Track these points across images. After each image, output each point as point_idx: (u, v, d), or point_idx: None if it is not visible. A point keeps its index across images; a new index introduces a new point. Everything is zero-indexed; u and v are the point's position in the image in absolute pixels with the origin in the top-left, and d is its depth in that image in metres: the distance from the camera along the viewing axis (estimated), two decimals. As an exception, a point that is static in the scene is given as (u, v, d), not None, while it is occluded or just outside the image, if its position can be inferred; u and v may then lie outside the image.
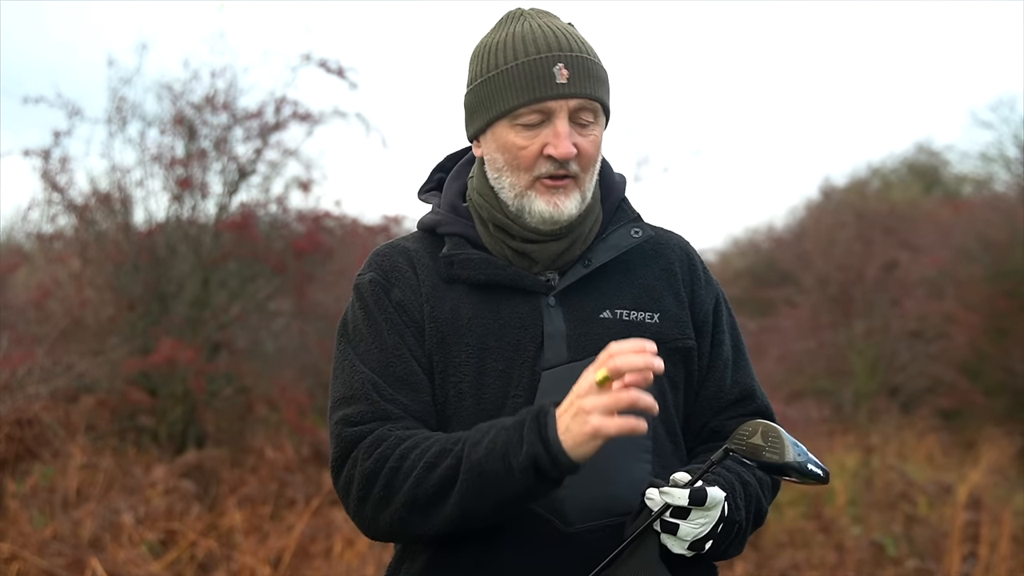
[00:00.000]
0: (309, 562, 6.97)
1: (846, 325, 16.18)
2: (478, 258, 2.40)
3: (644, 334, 2.34)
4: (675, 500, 2.11)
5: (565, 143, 2.31)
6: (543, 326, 2.37)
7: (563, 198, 2.35)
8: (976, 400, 14.32)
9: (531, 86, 2.32)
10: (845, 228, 17.38)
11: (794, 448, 2.07)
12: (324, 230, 10.80)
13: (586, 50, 2.37)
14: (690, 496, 2.11)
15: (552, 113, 2.32)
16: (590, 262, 2.41)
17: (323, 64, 10.49)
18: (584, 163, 2.35)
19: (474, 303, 2.39)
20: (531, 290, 2.39)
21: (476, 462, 2.14)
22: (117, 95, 10.45)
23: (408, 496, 2.21)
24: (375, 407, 2.32)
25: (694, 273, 2.54)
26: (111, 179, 10.41)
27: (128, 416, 9.67)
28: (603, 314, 2.40)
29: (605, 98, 2.39)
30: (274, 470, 8.77)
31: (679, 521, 2.14)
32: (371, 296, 2.43)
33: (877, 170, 25.58)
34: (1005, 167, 21.99)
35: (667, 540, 2.16)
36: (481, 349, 2.36)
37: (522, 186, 2.36)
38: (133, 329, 10.13)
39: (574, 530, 2.27)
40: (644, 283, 2.46)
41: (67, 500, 7.52)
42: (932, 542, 8.25)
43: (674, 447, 2.42)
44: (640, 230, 2.47)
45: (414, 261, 2.46)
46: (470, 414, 2.34)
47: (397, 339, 2.38)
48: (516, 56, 2.35)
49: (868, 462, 10.85)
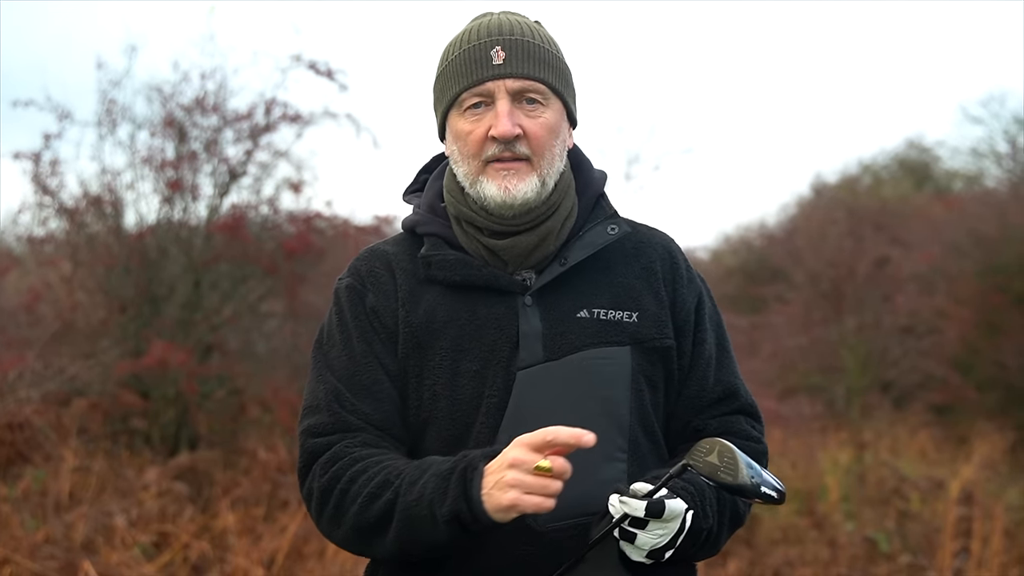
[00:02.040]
0: (302, 563, 6.97)
1: (838, 321, 16.21)
2: (454, 259, 2.41)
3: (622, 333, 2.38)
4: (632, 511, 2.12)
5: (503, 121, 2.32)
6: (519, 326, 2.37)
7: (515, 181, 2.35)
8: (968, 395, 14.33)
9: (469, 71, 2.35)
10: (836, 225, 17.41)
11: (748, 470, 2.05)
12: (315, 231, 10.77)
13: (532, 35, 2.39)
14: (647, 508, 2.11)
15: (493, 95, 2.34)
16: (566, 260, 2.41)
17: (313, 66, 10.47)
18: (535, 145, 2.35)
19: (450, 304, 2.40)
20: (507, 290, 2.39)
21: (407, 505, 2.20)
22: (107, 97, 10.41)
23: (353, 522, 2.28)
24: (336, 418, 2.38)
25: (676, 271, 2.52)
26: (101, 182, 10.38)
27: (120, 419, 9.64)
28: (580, 313, 2.40)
29: (551, 80, 2.38)
30: (267, 471, 8.76)
31: (636, 531, 2.14)
32: (347, 301, 2.48)
33: (868, 166, 25.65)
34: (996, 162, 22.09)
35: (625, 548, 2.18)
36: (456, 351, 2.37)
37: (474, 172, 2.38)
38: (124, 332, 10.11)
39: (545, 528, 2.28)
40: (623, 282, 2.46)
41: (59, 503, 7.51)
42: (925, 537, 8.27)
43: (653, 446, 2.42)
44: (616, 227, 2.46)
45: (393, 265, 2.48)
46: (445, 415, 2.36)
47: (365, 347, 2.42)
48: (460, 47, 2.39)
49: (861, 458, 10.87)
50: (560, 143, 2.41)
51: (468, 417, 2.34)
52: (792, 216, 22.74)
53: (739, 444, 2.36)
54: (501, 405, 2.32)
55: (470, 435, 2.34)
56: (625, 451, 2.35)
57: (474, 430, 2.34)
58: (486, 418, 2.33)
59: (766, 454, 2.51)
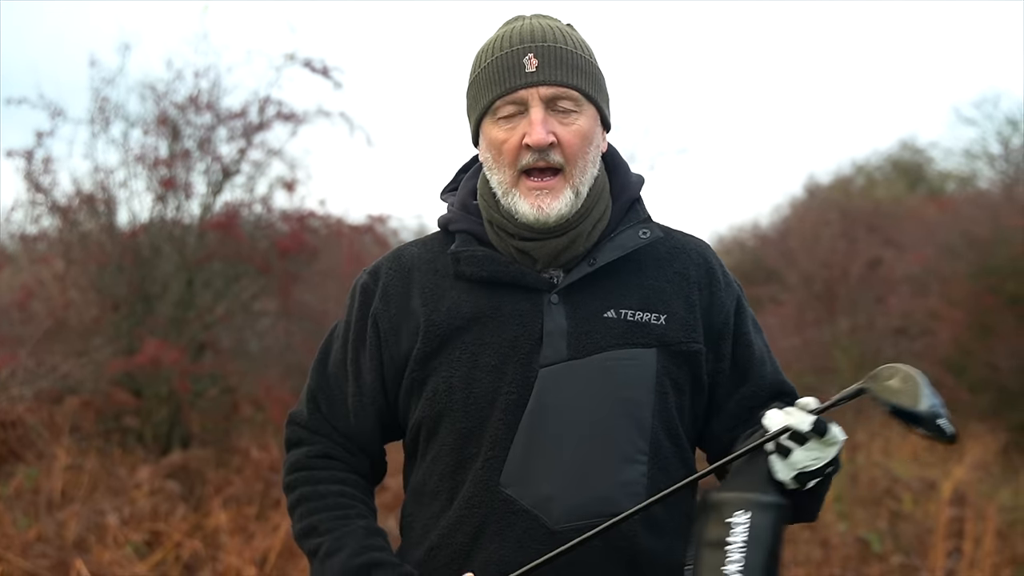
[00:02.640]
0: (295, 562, 6.95)
1: (831, 322, 16.20)
2: (482, 255, 2.41)
3: (648, 335, 2.38)
4: (796, 424, 2.11)
5: (537, 129, 2.30)
6: (543, 323, 2.36)
7: (548, 199, 2.34)
8: (961, 397, 14.31)
9: (503, 78, 2.34)
10: (829, 226, 17.40)
11: (930, 398, 2.02)
12: (309, 230, 10.76)
13: (566, 41, 2.37)
14: (814, 424, 2.10)
15: (526, 103, 2.33)
16: (595, 261, 2.40)
17: (307, 64, 10.47)
18: (569, 153, 2.33)
19: (476, 299, 2.40)
20: (533, 287, 2.39)
21: (316, 564, 2.39)
22: (100, 95, 10.41)
23: (294, 531, 2.49)
24: (311, 418, 2.55)
25: (712, 277, 2.50)
26: (94, 180, 10.37)
27: (113, 417, 9.63)
28: (607, 313, 2.38)
29: (584, 86, 2.36)
30: (259, 470, 8.75)
31: (795, 445, 2.12)
32: (357, 300, 2.52)
33: (861, 167, 25.65)
34: (989, 164, 22.08)
35: (775, 463, 2.14)
36: (477, 344, 2.38)
37: (508, 183, 2.37)
38: (117, 330, 10.10)
39: (560, 528, 2.28)
40: (654, 285, 2.44)
41: (51, 502, 7.50)
42: (917, 538, 8.27)
43: (676, 449, 2.41)
44: (648, 231, 2.45)
45: (411, 267, 2.49)
46: (459, 408, 2.36)
47: (353, 354, 2.49)
48: (493, 53, 2.37)
49: (853, 459, 10.86)
50: (594, 149, 2.40)
51: (483, 411, 2.34)
52: (785, 217, 22.74)
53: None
54: (520, 402, 2.33)
55: (485, 430, 2.34)
56: (646, 453, 2.34)
57: (490, 424, 2.34)
58: (503, 414, 2.33)
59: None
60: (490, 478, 2.32)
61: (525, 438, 2.29)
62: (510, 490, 2.30)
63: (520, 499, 2.30)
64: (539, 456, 2.30)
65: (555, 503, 2.28)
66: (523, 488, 2.30)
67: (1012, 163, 20.99)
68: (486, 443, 2.33)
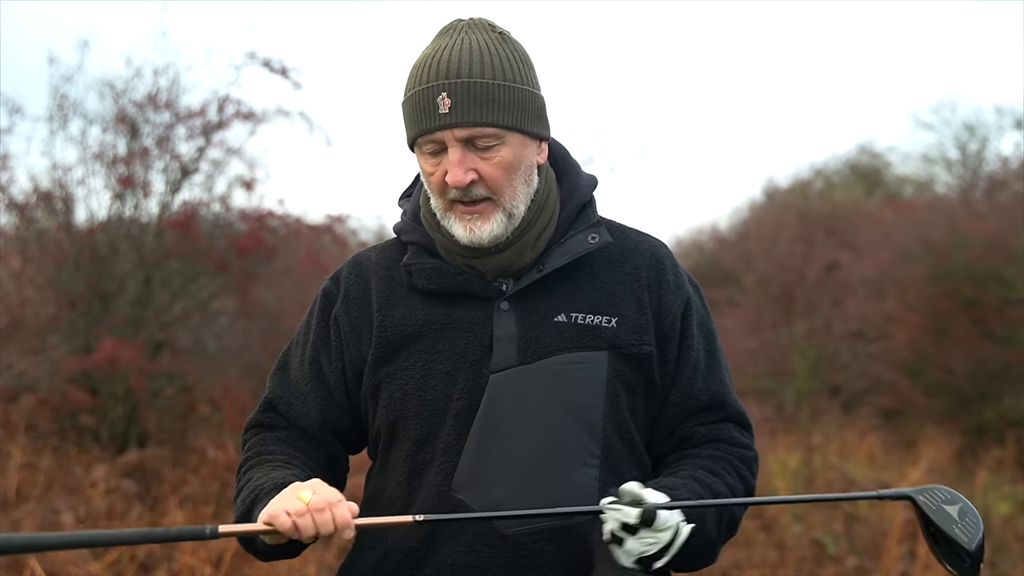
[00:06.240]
0: (251, 562, 6.92)
1: (788, 325, 16.30)
2: (431, 267, 2.43)
3: (599, 338, 2.38)
4: (622, 517, 2.11)
5: (455, 172, 2.29)
6: (492, 329, 2.37)
7: (481, 223, 2.34)
8: (916, 400, 14.42)
9: (420, 118, 2.32)
10: (787, 229, 17.51)
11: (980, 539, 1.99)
12: (267, 229, 10.72)
13: (483, 71, 2.30)
14: (640, 515, 2.10)
15: (443, 142, 2.31)
16: (544, 267, 2.40)
17: (267, 63, 10.43)
18: (493, 185, 2.32)
19: (429, 308, 2.42)
20: (483, 295, 2.40)
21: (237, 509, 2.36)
22: (58, 93, 10.34)
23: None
24: (270, 408, 2.56)
25: (662, 278, 2.49)
26: (52, 177, 10.30)
27: (69, 415, 9.58)
28: (557, 317, 2.39)
29: (501, 120, 2.30)
30: (216, 470, 8.73)
31: (627, 536, 2.13)
32: (319, 304, 2.55)
33: (820, 171, 25.86)
34: (946, 169, 22.27)
35: (615, 552, 2.15)
36: (430, 352, 2.39)
37: (442, 208, 2.38)
38: (74, 328, 10.04)
39: (511, 532, 2.30)
40: (605, 287, 2.44)
41: (6, 500, 7.45)
42: (872, 540, 8.32)
43: (629, 451, 2.42)
44: (597, 235, 2.44)
45: (370, 273, 2.52)
46: (413, 415, 2.38)
47: (313, 354, 2.51)
48: (412, 85, 2.34)
49: (809, 461, 10.93)
50: (523, 171, 2.36)
51: (436, 418, 2.36)
52: (744, 220, 22.90)
53: (729, 450, 2.42)
54: (471, 408, 2.34)
55: (438, 436, 2.36)
56: (597, 456, 2.35)
57: (442, 431, 2.36)
58: (455, 420, 2.35)
59: (756, 460, 2.50)
60: (443, 483, 2.33)
61: (476, 443, 2.30)
62: (462, 495, 2.32)
63: (472, 503, 2.31)
64: (490, 461, 2.32)
65: (506, 507, 2.28)
66: (475, 492, 2.31)
67: (969, 168, 21.19)
68: (439, 449, 2.35)
